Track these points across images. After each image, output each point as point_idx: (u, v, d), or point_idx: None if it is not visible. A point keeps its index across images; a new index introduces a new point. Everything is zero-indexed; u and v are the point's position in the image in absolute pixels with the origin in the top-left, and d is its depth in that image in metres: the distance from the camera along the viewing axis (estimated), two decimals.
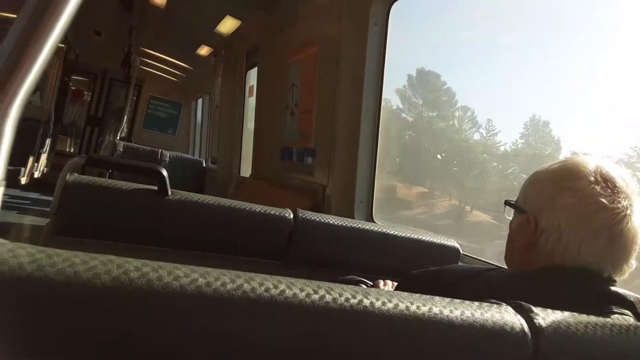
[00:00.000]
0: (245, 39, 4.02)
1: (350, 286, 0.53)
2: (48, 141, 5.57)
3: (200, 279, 0.46)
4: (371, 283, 1.18)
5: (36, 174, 5.26)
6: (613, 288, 0.77)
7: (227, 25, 4.04)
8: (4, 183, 0.44)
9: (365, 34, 2.12)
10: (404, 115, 2.83)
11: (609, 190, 0.77)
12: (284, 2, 3.06)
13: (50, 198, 1.24)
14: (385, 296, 0.53)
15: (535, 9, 1.97)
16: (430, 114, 2.86)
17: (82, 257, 0.43)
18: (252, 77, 4.17)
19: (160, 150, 5.13)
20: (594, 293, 0.76)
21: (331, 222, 1.37)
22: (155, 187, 1.23)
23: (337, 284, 0.53)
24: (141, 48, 5.81)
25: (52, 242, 1.14)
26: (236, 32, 4.08)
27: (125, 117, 6.29)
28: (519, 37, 2.13)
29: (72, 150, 7.66)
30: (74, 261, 0.42)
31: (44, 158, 5.59)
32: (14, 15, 0.48)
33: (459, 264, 1.47)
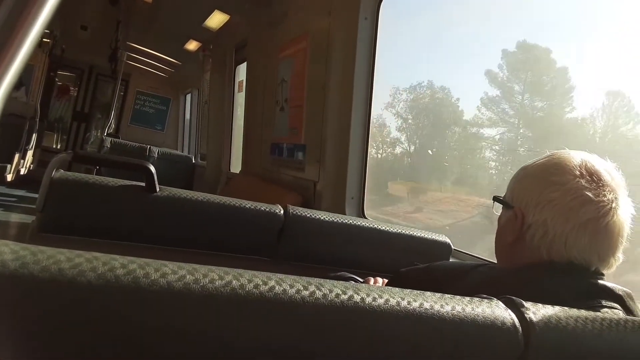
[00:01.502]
0: (234, 34, 3.98)
1: (340, 282, 0.53)
2: (34, 137, 5.48)
3: (188, 276, 0.45)
4: (362, 280, 1.18)
5: (22, 171, 5.18)
6: (601, 281, 0.77)
7: (216, 19, 4.00)
8: None
9: (355, 28, 2.12)
10: (502, 106, 2.00)
11: (594, 184, 0.78)
12: None
13: (37, 195, 1.22)
14: (376, 292, 0.53)
15: None
16: (538, 103, 2.01)
17: (67, 255, 0.42)
18: (242, 72, 4.13)
19: (148, 146, 5.07)
20: (583, 287, 0.76)
21: (322, 218, 1.36)
22: (143, 184, 1.21)
23: (327, 280, 0.52)
24: (128, 43, 5.73)
25: (38, 240, 1.11)
26: (225, 27, 4.04)
27: (113, 112, 6.21)
28: None
29: (58, 146, 7.55)
30: (58, 258, 0.41)
31: (30, 154, 5.51)
32: None
33: (450, 259, 1.48)
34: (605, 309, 0.73)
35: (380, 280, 1.19)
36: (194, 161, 5.33)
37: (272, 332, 0.47)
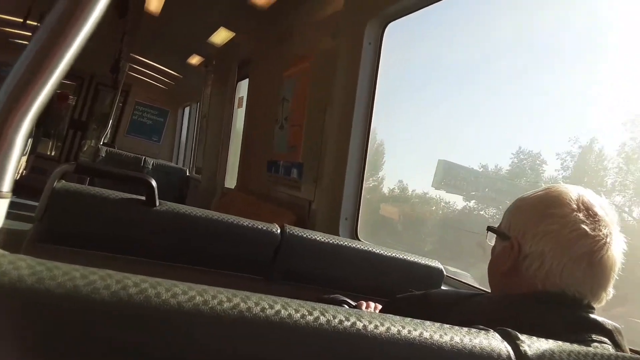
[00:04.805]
0: (237, 51, 4.03)
1: (343, 308, 0.54)
2: (29, 143, 5.47)
3: (197, 297, 0.46)
4: (354, 303, 1.19)
5: (15, 176, 5.14)
6: (592, 315, 0.79)
7: (221, 36, 4.07)
8: (10, 195, 0.44)
9: (359, 52, 2.16)
10: None
11: (591, 218, 0.80)
12: (279, 17, 3.09)
13: (28, 201, 1.21)
14: (378, 319, 0.54)
15: None
16: None
17: (81, 271, 0.43)
18: (242, 88, 4.18)
19: (143, 157, 5.07)
20: (574, 319, 0.78)
21: (318, 239, 1.37)
22: (143, 197, 1.22)
23: (331, 306, 0.53)
24: (131, 54, 5.78)
25: (35, 250, 1.11)
26: (229, 44, 4.10)
27: (110, 122, 6.22)
28: None
29: (53, 153, 7.51)
30: (73, 275, 0.42)
31: (23, 160, 5.48)
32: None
33: (442, 286, 1.49)
34: (596, 344, 0.74)
35: (372, 304, 1.20)
36: (188, 174, 5.33)
37: (276, 355, 0.48)
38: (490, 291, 0.96)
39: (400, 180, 2.60)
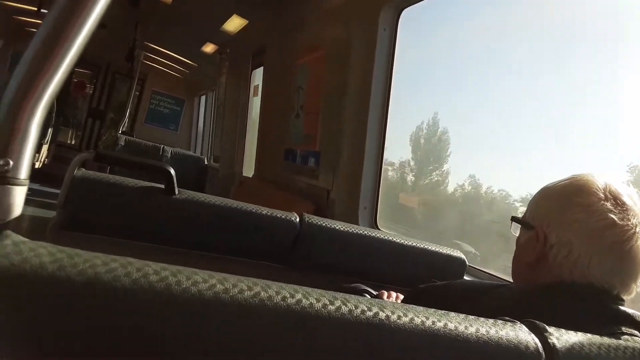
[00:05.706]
0: (251, 39, 4.01)
1: (366, 298, 0.53)
2: (50, 132, 5.56)
3: (218, 285, 0.45)
4: (375, 293, 1.18)
5: (37, 165, 5.25)
6: (622, 307, 0.76)
7: (234, 23, 4.04)
8: (27, 182, 0.44)
9: (374, 39, 2.12)
10: None
11: (619, 208, 0.77)
12: (292, 3, 3.06)
13: (51, 189, 1.23)
14: (401, 310, 0.53)
15: None
16: None
17: (102, 259, 0.42)
18: (257, 76, 4.17)
19: (162, 145, 5.11)
20: (603, 311, 0.75)
21: (337, 227, 1.36)
22: (162, 185, 1.22)
23: (352, 296, 0.52)
24: (146, 43, 5.80)
25: (58, 237, 1.13)
26: (243, 31, 4.07)
27: (128, 111, 6.28)
28: None
29: (73, 142, 7.64)
30: (94, 262, 0.42)
31: (44, 149, 5.58)
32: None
33: (465, 276, 1.47)
34: (626, 336, 0.72)
35: (394, 294, 1.19)
36: (206, 162, 5.36)
37: (298, 345, 0.47)
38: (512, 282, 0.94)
39: (472, 175, 2.29)
